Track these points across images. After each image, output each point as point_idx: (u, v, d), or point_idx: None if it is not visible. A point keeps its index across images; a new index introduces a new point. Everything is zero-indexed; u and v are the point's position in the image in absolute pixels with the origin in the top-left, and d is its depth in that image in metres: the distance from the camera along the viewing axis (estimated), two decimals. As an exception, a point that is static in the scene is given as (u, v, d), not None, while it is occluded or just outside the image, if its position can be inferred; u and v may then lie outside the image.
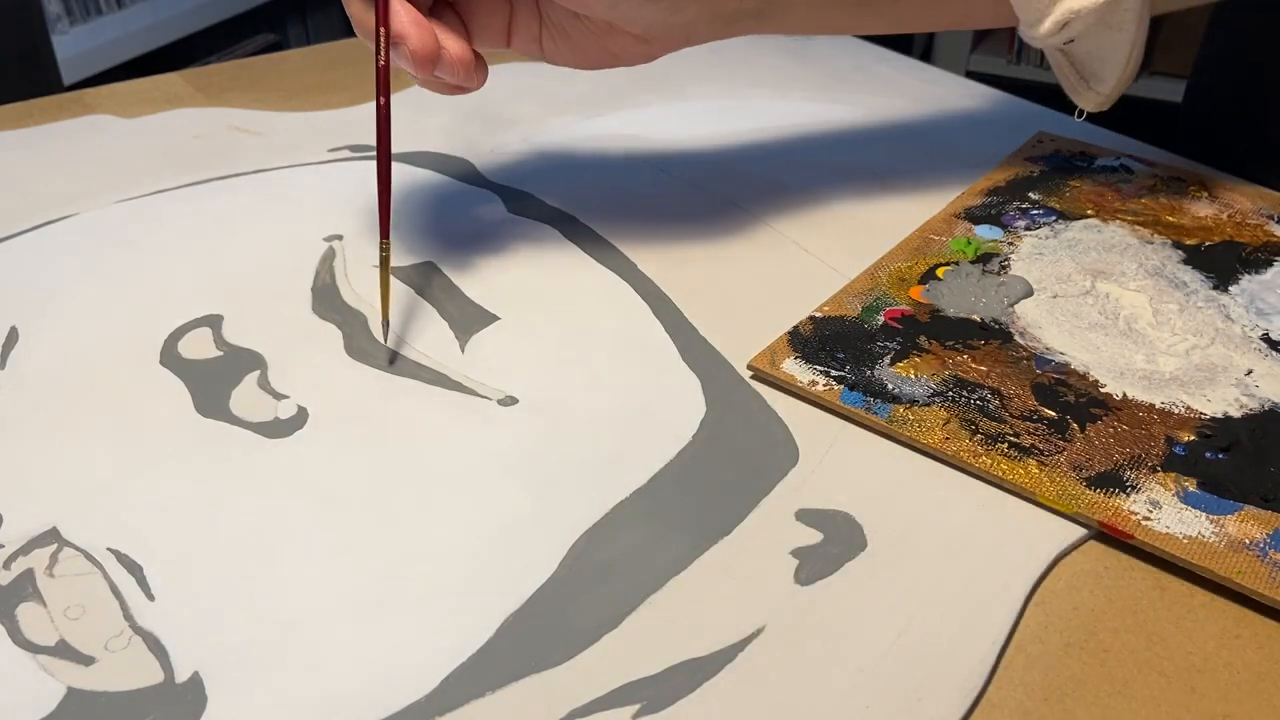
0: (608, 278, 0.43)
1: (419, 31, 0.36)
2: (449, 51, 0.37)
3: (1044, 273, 0.42)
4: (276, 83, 0.64)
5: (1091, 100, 0.44)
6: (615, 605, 0.29)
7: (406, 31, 0.36)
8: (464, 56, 0.38)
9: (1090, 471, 0.32)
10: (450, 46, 0.37)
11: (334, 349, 0.39)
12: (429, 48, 0.36)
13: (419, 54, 0.36)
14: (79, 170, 0.52)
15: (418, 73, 0.37)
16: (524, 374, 0.38)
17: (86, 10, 1.56)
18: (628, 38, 0.41)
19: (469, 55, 0.38)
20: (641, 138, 0.56)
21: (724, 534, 0.31)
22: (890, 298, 0.41)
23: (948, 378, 0.36)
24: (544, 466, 0.33)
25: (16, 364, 0.38)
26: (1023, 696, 0.27)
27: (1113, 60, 0.42)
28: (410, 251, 0.45)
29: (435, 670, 0.27)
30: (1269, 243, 0.44)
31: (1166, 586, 0.30)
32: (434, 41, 0.36)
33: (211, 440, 0.35)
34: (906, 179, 0.51)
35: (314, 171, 0.52)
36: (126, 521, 0.31)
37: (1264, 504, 0.31)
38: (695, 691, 0.26)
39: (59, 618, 0.28)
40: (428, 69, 0.37)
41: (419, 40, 0.36)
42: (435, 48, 0.36)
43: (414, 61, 0.36)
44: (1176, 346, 0.38)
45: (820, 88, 0.62)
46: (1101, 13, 0.39)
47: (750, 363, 0.37)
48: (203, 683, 0.27)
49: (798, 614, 0.28)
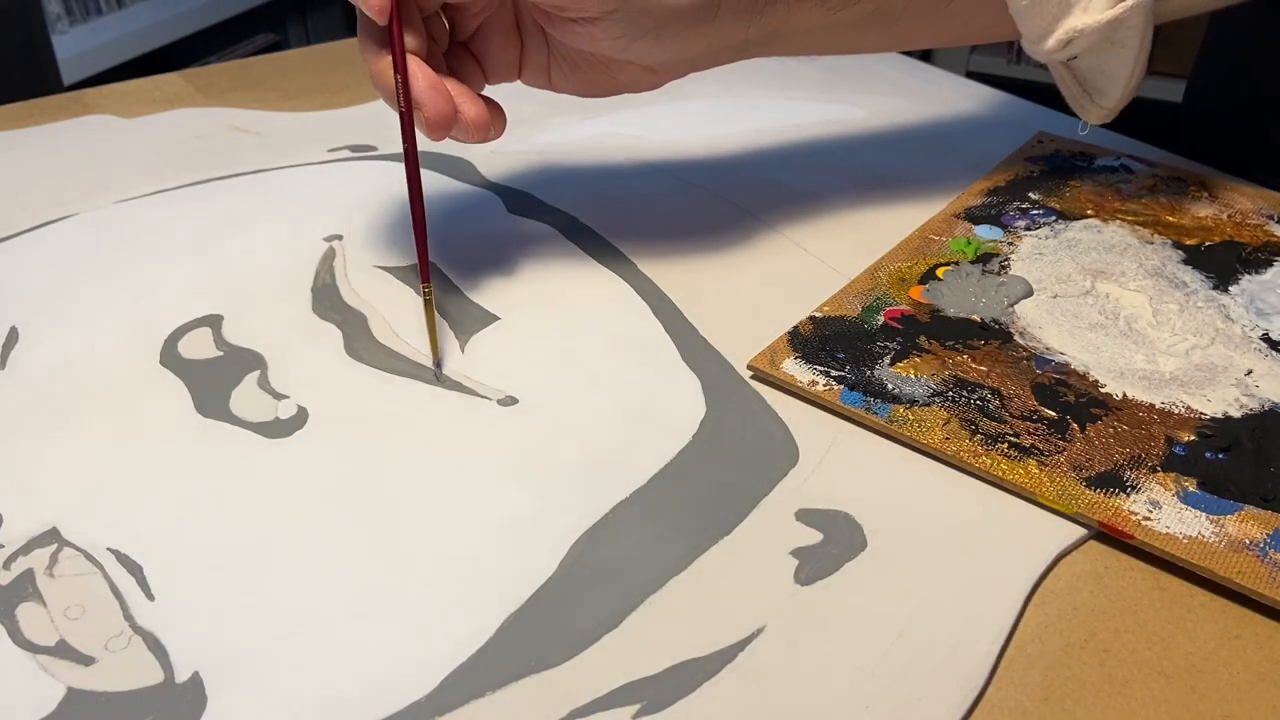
0: (608, 278, 0.43)
1: (434, 97, 0.36)
2: (465, 116, 0.37)
3: (1044, 273, 0.42)
4: (276, 83, 0.64)
5: (1095, 114, 0.44)
6: (615, 605, 0.29)
7: (423, 98, 0.36)
8: (480, 118, 0.37)
9: (1090, 471, 0.32)
10: (466, 110, 0.37)
11: (334, 349, 0.39)
12: (444, 115, 0.36)
13: (434, 120, 0.36)
14: (79, 170, 0.52)
15: (433, 138, 0.37)
16: (524, 374, 0.38)
17: (86, 10, 1.56)
18: (635, 69, 0.41)
19: (484, 116, 0.38)
20: (641, 138, 0.56)
21: (724, 534, 0.31)
22: (890, 298, 0.41)
23: (948, 378, 0.36)
24: (544, 466, 0.33)
25: (16, 364, 0.38)
26: (1023, 696, 0.27)
27: (1117, 75, 0.41)
28: (410, 251, 0.45)
29: (435, 670, 0.27)
30: (1269, 243, 0.44)
31: (1166, 586, 0.30)
32: (450, 107, 0.36)
33: (211, 440, 0.35)
34: (906, 179, 0.51)
35: (314, 171, 0.52)
36: (126, 521, 0.31)
37: (1264, 504, 0.31)
38: (695, 691, 0.26)
39: (59, 618, 0.28)
40: (443, 135, 0.37)
41: (434, 109, 0.36)
42: (451, 113, 0.36)
43: (430, 128, 0.36)
44: (1176, 346, 0.38)
45: (820, 87, 0.62)
46: (1105, 31, 0.39)
47: (750, 363, 0.37)
48: (203, 683, 0.27)
49: (798, 614, 0.28)
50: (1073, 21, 0.39)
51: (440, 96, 0.36)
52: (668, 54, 0.39)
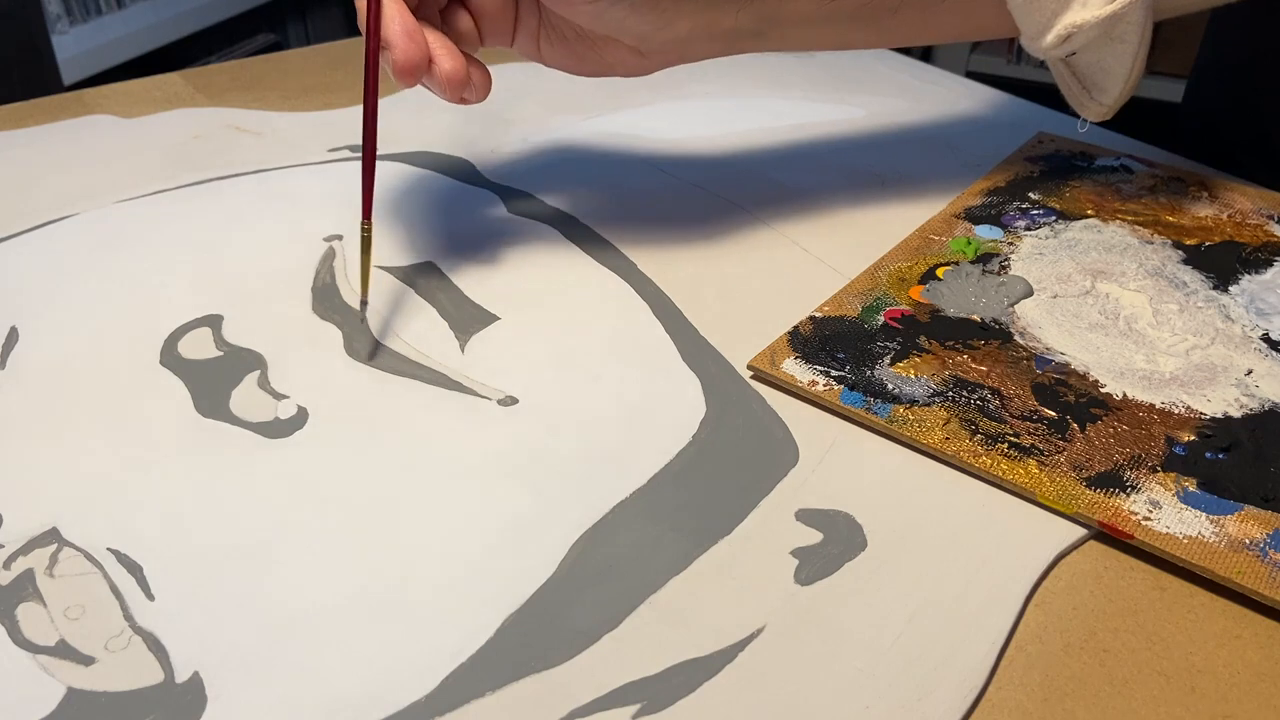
0: (608, 278, 0.43)
1: (406, 42, 0.35)
2: (439, 67, 0.36)
3: (1044, 273, 0.42)
4: (276, 83, 0.64)
5: (1094, 111, 0.44)
6: (615, 605, 0.29)
7: (394, 40, 0.35)
8: (454, 74, 0.37)
9: (1090, 471, 0.32)
10: (442, 63, 0.36)
11: (334, 349, 0.39)
12: (412, 60, 0.35)
13: (400, 64, 0.35)
14: (79, 170, 0.52)
15: (399, 82, 0.36)
16: (524, 374, 0.38)
17: (86, 10, 1.56)
18: (623, 49, 0.41)
19: (460, 73, 0.37)
20: (641, 138, 0.56)
21: (724, 534, 0.31)
22: (890, 298, 0.41)
23: (948, 378, 0.36)
24: (544, 466, 0.33)
25: (16, 364, 0.38)
26: (1023, 696, 0.27)
27: (1115, 72, 0.41)
28: (410, 251, 0.45)
29: (435, 670, 0.27)
30: (1269, 243, 0.44)
31: (1166, 586, 0.30)
32: (419, 54, 0.36)
33: (211, 440, 0.35)
34: (906, 179, 0.51)
35: (314, 171, 0.52)
36: (126, 521, 0.31)
37: (1264, 504, 0.31)
38: (695, 691, 0.26)
39: (59, 618, 0.28)
40: (409, 80, 0.36)
41: (402, 52, 0.35)
42: (419, 60, 0.36)
43: (396, 71, 0.36)
44: (1176, 346, 0.38)
45: (820, 87, 0.62)
46: (1104, 26, 0.39)
47: (750, 363, 0.37)
48: (203, 683, 0.27)
49: (798, 614, 0.28)
50: (1071, 17, 0.39)
51: (413, 43, 0.35)
52: (648, 27, 0.39)
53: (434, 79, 0.37)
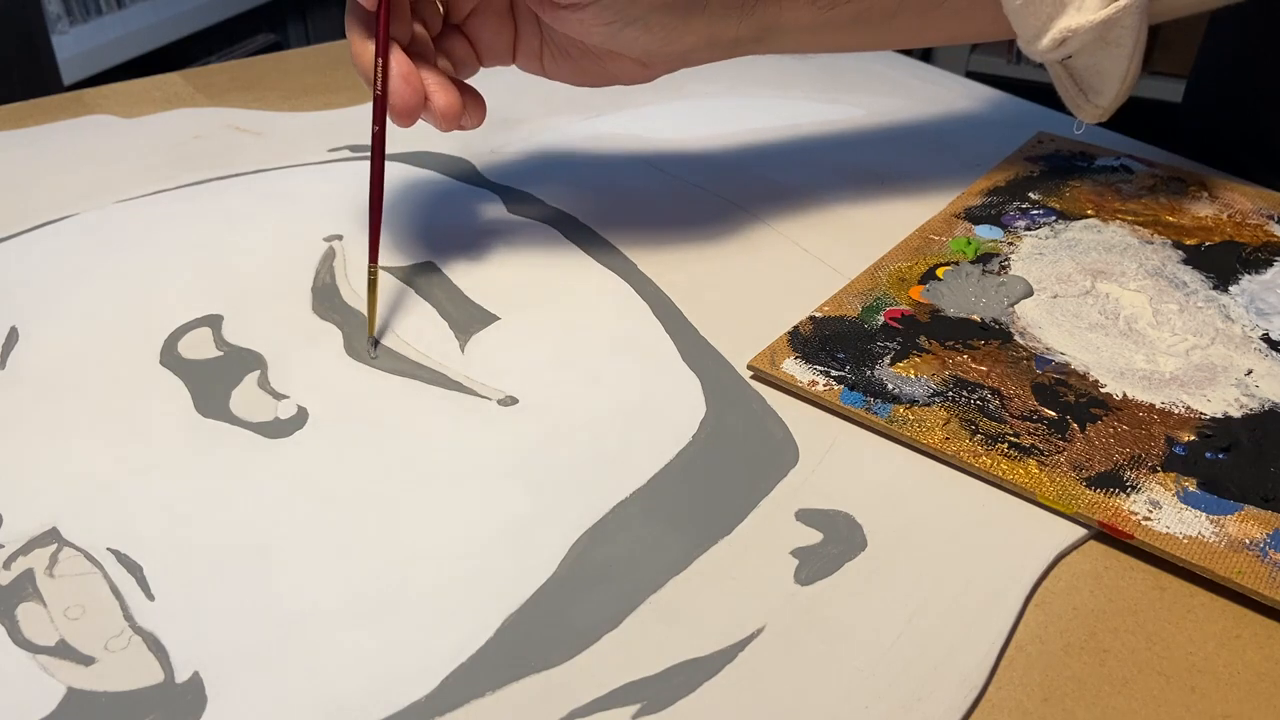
0: (607, 278, 0.43)
1: (402, 87, 0.37)
2: (435, 104, 0.38)
3: (1044, 273, 0.42)
4: (276, 83, 0.64)
5: (1090, 113, 0.44)
6: (615, 605, 0.29)
7: (391, 86, 0.37)
8: (450, 108, 0.38)
9: (1090, 471, 0.32)
10: (437, 99, 0.38)
11: (334, 349, 0.39)
12: (409, 105, 0.37)
13: (398, 109, 0.37)
14: (79, 170, 0.52)
15: (399, 124, 0.38)
16: (524, 374, 0.38)
17: (86, 10, 1.56)
18: (626, 60, 0.41)
19: (455, 106, 0.38)
20: (641, 138, 0.56)
21: (724, 534, 0.31)
22: (890, 298, 0.41)
23: (948, 378, 0.36)
24: (544, 466, 0.33)
25: (16, 364, 0.38)
26: (1023, 696, 0.27)
27: (1111, 74, 0.42)
28: (410, 251, 0.45)
29: (435, 670, 0.27)
30: (1269, 243, 0.44)
31: (1166, 586, 0.30)
32: (415, 99, 0.37)
33: (211, 440, 0.35)
34: (906, 179, 0.51)
35: (314, 171, 0.52)
36: (126, 521, 0.31)
37: (1264, 504, 0.31)
38: (695, 691, 0.26)
39: (59, 618, 0.28)
40: (406, 122, 0.38)
41: (400, 98, 0.37)
42: (416, 104, 0.37)
43: (394, 114, 0.37)
44: (1176, 346, 0.38)
45: (820, 87, 0.62)
46: (1099, 30, 0.39)
47: (750, 363, 0.37)
48: (203, 683, 0.27)
49: (798, 614, 0.28)
50: (1066, 21, 0.40)
51: (409, 87, 0.37)
52: (657, 44, 0.40)
53: (430, 113, 0.38)
